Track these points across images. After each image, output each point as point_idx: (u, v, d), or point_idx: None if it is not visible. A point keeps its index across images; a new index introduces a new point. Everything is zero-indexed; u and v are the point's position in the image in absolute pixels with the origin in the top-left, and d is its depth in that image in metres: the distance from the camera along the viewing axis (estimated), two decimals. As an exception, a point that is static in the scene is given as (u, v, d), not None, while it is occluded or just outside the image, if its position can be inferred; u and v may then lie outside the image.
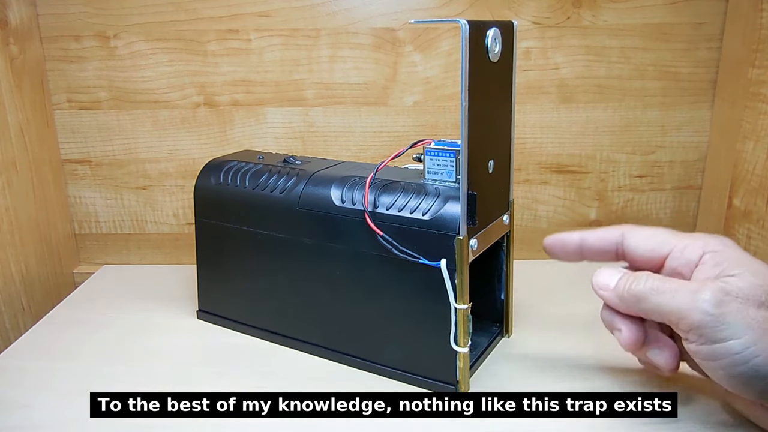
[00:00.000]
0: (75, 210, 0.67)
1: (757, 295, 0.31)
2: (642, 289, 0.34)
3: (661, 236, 0.37)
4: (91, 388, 0.42)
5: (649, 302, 0.34)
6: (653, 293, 0.34)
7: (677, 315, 0.32)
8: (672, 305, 0.33)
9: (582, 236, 0.40)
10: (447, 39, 0.61)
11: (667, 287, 0.33)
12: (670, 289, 0.33)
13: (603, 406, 0.38)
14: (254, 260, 0.47)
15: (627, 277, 0.36)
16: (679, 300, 0.32)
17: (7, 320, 0.55)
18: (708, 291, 0.32)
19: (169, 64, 0.62)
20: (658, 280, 0.34)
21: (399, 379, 0.42)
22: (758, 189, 0.56)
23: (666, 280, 0.34)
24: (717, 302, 0.31)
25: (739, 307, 0.31)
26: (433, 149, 0.41)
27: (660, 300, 0.33)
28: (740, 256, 0.34)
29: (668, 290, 0.33)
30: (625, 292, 0.35)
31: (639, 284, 0.34)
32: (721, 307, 0.31)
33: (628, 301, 0.35)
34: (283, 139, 0.64)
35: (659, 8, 0.60)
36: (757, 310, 0.31)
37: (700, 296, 0.32)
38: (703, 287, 0.32)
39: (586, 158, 0.64)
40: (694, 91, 0.62)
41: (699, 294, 0.32)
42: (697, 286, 0.32)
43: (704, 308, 0.31)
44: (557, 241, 0.41)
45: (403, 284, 0.40)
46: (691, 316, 0.32)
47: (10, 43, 0.57)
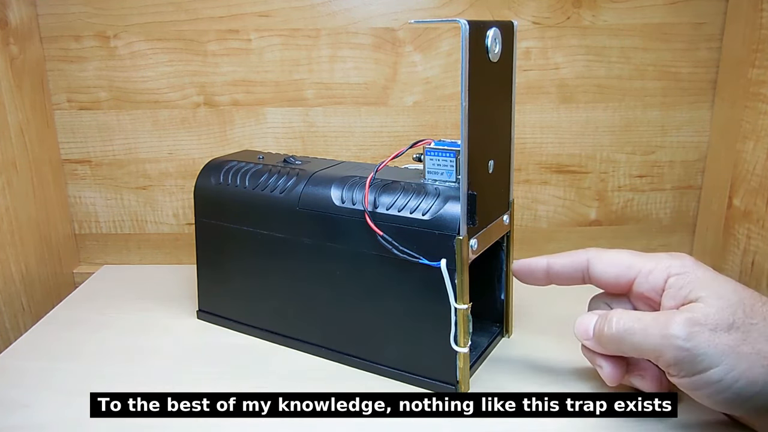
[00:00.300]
0: (75, 210, 0.67)
1: (725, 318, 0.31)
2: (614, 333, 0.35)
3: (625, 262, 0.37)
4: (91, 388, 0.42)
5: (625, 344, 0.34)
6: (627, 335, 0.34)
7: (653, 353, 0.33)
8: (646, 345, 0.33)
9: (549, 262, 0.41)
10: (447, 39, 0.61)
11: (637, 327, 0.33)
12: (641, 329, 0.33)
13: (603, 406, 0.38)
14: (254, 260, 0.47)
15: (600, 321, 0.36)
16: (651, 339, 0.33)
17: (7, 320, 0.55)
18: (677, 325, 0.32)
19: (169, 64, 0.62)
20: (629, 319, 0.34)
21: (399, 379, 0.42)
22: (758, 189, 0.56)
23: (636, 318, 0.34)
24: (688, 336, 0.31)
25: (710, 336, 0.31)
26: (433, 149, 0.41)
27: (634, 340, 0.34)
28: (704, 277, 0.34)
29: (639, 330, 0.33)
30: (601, 337, 0.36)
31: (611, 328, 0.35)
32: (692, 340, 0.31)
33: (607, 345, 0.36)
34: (283, 139, 0.64)
35: (659, 8, 0.60)
36: (728, 334, 0.31)
37: (671, 332, 0.32)
38: (671, 322, 0.32)
39: (586, 158, 0.64)
40: (694, 91, 0.62)
41: (669, 330, 0.32)
42: (666, 321, 0.32)
43: (677, 344, 0.31)
44: (524, 266, 0.42)
45: (403, 284, 0.40)
46: (666, 353, 0.32)
47: (10, 43, 0.57)
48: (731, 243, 0.60)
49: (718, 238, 0.62)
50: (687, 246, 0.67)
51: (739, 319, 0.31)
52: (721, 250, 0.61)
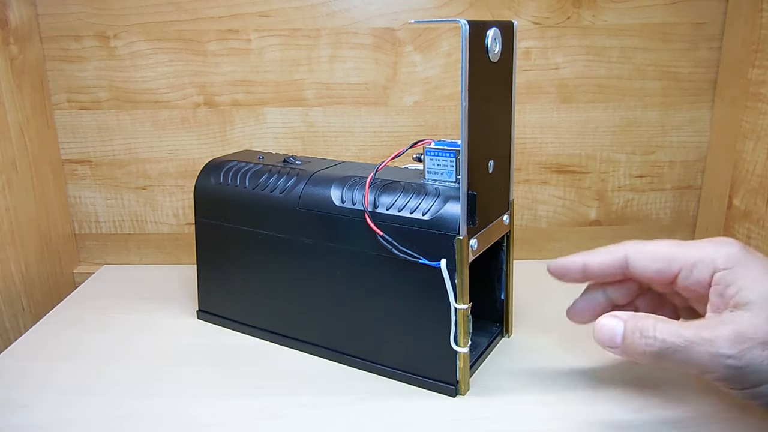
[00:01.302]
0: (75, 210, 0.67)
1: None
2: (654, 350, 0.32)
3: (667, 255, 0.35)
4: (91, 388, 0.42)
5: (665, 361, 0.32)
6: (669, 352, 0.31)
7: (700, 370, 0.31)
8: (692, 363, 0.31)
9: (585, 262, 0.38)
10: (447, 39, 0.61)
11: (680, 344, 0.31)
12: (684, 347, 0.31)
13: (602, 406, 0.38)
14: (254, 260, 0.47)
15: (632, 331, 0.33)
16: (698, 357, 0.31)
17: (7, 320, 0.55)
18: (725, 343, 0.30)
19: (169, 64, 0.62)
20: (669, 335, 0.32)
21: (399, 379, 0.42)
22: (758, 189, 0.56)
23: (677, 334, 0.31)
24: (738, 354, 0.30)
25: (761, 352, 0.30)
26: (433, 149, 0.41)
27: (677, 358, 0.31)
28: (753, 274, 0.32)
29: (683, 348, 0.31)
30: (635, 352, 0.33)
31: (652, 345, 0.32)
32: (743, 358, 0.30)
33: (641, 360, 0.33)
34: (283, 139, 0.64)
35: (659, 8, 0.60)
36: None
37: (720, 351, 0.30)
38: (718, 338, 0.30)
39: (586, 158, 0.64)
40: (694, 91, 0.62)
41: (717, 348, 0.30)
42: (712, 337, 0.30)
43: (726, 363, 0.30)
44: (560, 267, 0.40)
45: (403, 284, 0.40)
46: (715, 371, 0.30)
47: (10, 43, 0.57)
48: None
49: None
50: (687, 246, 0.67)
51: None
52: (721, 250, 0.61)
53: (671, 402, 0.39)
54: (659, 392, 0.40)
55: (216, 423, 0.38)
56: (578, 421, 0.38)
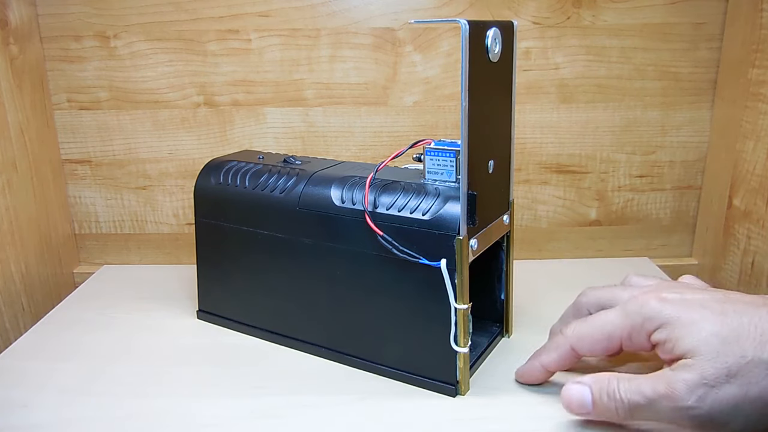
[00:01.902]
0: (75, 210, 0.67)
1: (721, 368, 0.31)
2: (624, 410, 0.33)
3: (603, 333, 0.36)
4: (91, 388, 0.42)
5: (638, 417, 0.34)
6: (636, 410, 0.33)
7: (670, 422, 0.33)
8: (660, 417, 0.33)
9: (542, 365, 0.40)
10: (447, 39, 0.61)
11: (643, 402, 0.32)
12: (648, 404, 0.32)
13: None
14: (254, 260, 0.47)
15: (600, 394, 0.34)
16: (665, 413, 0.32)
17: (7, 320, 0.55)
18: (683, 394, 0.31)
19: (169, 64, 0.62)
20: (632, 392, 0.33)
21: (399, 379, 0.42)
22: (758, 189, 0.56)
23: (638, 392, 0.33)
24: (697, 402, 0.31)
25: (716, 394, 0.31)
26: (433, 149, 0.41)
27: (646, 414, 0.33)
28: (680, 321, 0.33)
29: (647, 405, 0.32)
30: (608, 414, 0.34)
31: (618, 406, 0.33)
32: (703, 404, 0.31)
33: (616, 420, 0.35)
34: (283, 139, 0.64)
35: (659, 8, 0.60)
36: (730, 384, 0.31)
37: (680, 404, 0.31)
38: (674, 391, 0.31)
39: (586, 158, 0.64)
40: (694, 91, 0.62)
41: (677, 402, 0.31)
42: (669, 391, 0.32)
43: (692, 414, 0.31)
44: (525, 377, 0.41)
45: (403, 284, 0.40)
46: (682, 422, 0.32)
47: (10, 43, 0.57)
48: (731, 243, 0.60)
49: (718, 238, 0.62)
50: (687, 246, 0.67)
51: (733, 364, 0.31)
52: (721, 250, 0.61)
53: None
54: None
55: (216, 423, 0.38)
56: (578, 421, 0.38)
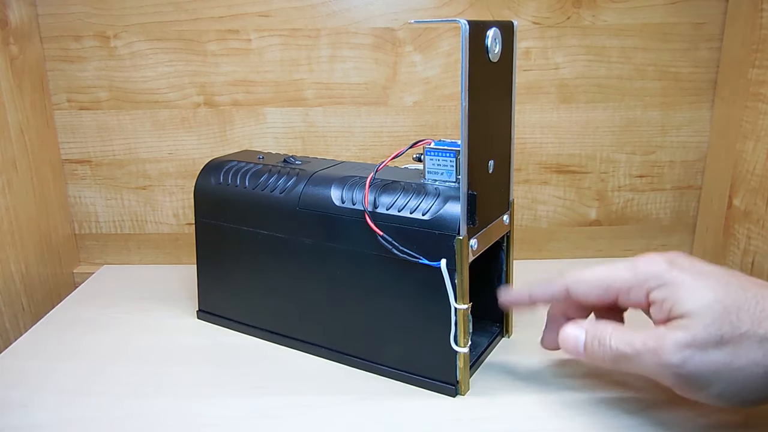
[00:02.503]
0: (75, 210, 0.67)
1: (713, 334, 0.31)
2: (612, 357, 0.34)
3: (603, 282, 0.37)
4: (91, 388, 0.42)
5: (621, 367, 0.35)
6: (623, 359, 0.34)
7: (653, 376, 0.33)
8: (644, 371, 0.33)
9: (530, 293, 0.40)
10: (447, 39, 0.61)
11: (631, 353, 0.33)
12: (635, 355, 0.33)
13: (603, 406, 0.38)
14: (254, 260, 0.47)
15: (592, 340, 0.36)
16: (648, 367, 0.33)
17: (7, 320, 0.55)
18: (669, 353, 0.32)
19: (169, 64, 0.62)
20: (622, 343, 0.34)
21: (399, 379, 0.42)
22: (758, 189, 0.56)
23: (628, 343, 0.34)
24: (681, 362, 0.31)
25: (702, 357, 0.31)
26: (433, 149, 0.41)
27: (630, 365, 0.34)
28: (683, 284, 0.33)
29: (634, 356, 0.33)
30: (596, 359, 0.35)
31: (607, 352, 0.35)
32: (686, 366, 0.31)
33: (601, 365, 0.36)
34: (283, 139, 0.64)
35: (659, 8, 0.60)
36: (719, 350, 0.31)
37: (664, 361, 0.32)
38: (662, 349, 0.32)
39: (586, 158, 0.64)
40: (694, 91, 0.62)
41: (662, 358, 0.32)
42: (656, 347, 0.32)
43: (673, 372, 0.32)
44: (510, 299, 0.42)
45: (403, 284, 0.40)
46: (665, 379, 0.33)
47: (10, 43, 0.57)
48: (731, 243, 0.60)
49: (718, 238, 0.62)
50: (687, 246, 0.67)
51: (727, 332, 0.31)
52: (721, 250, 0.61)
53: (672, 401, 0.39)
54: (660, 392, 0.40)
55: (216, 423, 0.38)
56: (578, 421, 0.38)
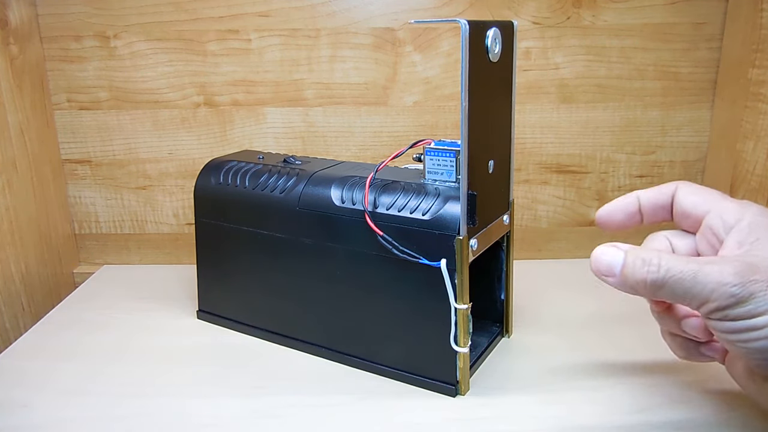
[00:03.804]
0: (75, 210, 0.67)
1: None
2: (656, 278, 0.32)
3: (708, 193, 0.36)
4: (91, 388, 0.42)
5: (665, 291, 0.32)
6: (671, 280, 0.31)
7: (700, 300, 0.31)
8: (694, 290, 0.31)
9: (637, 193, 0.38)
10: (447, 39, 0.61)
11: (688, 274, 0.31)
12: (691, 276, 0.31)
13: (603, 407, 0.38)
14: (254, 260, 0.47)
15: (634, 260, 0.33)
16: (702, 284, 0.30)
17: (7, 320, 0.55)
18: (732, 273, 0.30)
19: (169, 64, 0.62)
20: (677, 264, 0.31)
21: (399, 379, 0.42)
22: (758, 189, 0.56)
23: (685, 262, 0.31)
24: (743, 283, 0.30)
25: (766, 287, 0.30)
26: (433, 149, 0.41)
27: (679, 287, 0.31)
28: None
29: (688, 276, 0.31)
30: (634, 279, 0.33)
31: (652, 271, 0.32)
32: (746, 289, 0.30)
33: (638, 290, 0.33)
34: (283, 139, 0.64)
35: (659, 8, 0.60)
36: None
37: (725, 278, 0.30)
38: (725, 268, 0.30)
39: (586, 158, 0.64)
40: (694, 91, 0.62)
41: (724, 276, 0.30)
42: (720, 267, 0.30)
43: (731, 291, 0.30)
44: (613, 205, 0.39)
45: (403, 284, 0.40)
46: (716, 299, 0.30)
47: (10, 43, 0.57)
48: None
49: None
50: (687, 246, 0.67)
51: None
52: (721, 250, 0.61)
53: (672, 403, 0.39)
54: (660, 393, 0.40)
55: (216, 423, 0.38)
56: (578, 421, 0.38)
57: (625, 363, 0.43)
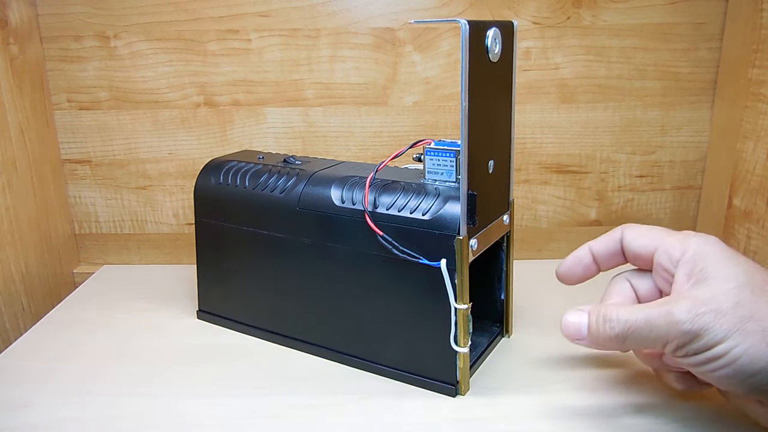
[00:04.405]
0: (75, 210, 0.67)
1: (730, 299, 0.32)
2: (617, 332, 0.34)
3: (653, 233, 0.38)
4: (91, 389, 0.42)
5: (629, 342, 0.34)
6: (630, 332, 0.33)
7: (660, 342, 0.33)
8: (652, 336, 0.33)
9: (589, 245, 0.41)
10: (447, 39, 0.61)
11: (641, 322, 0.33)
12: (644, 323, 0.33)
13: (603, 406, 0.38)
14: (254, 260, 0.47)
15: (596, 320, 0.35)
16: (657, 329, 0.33)
17: (7, 320, 0.55)
18: (683, 311, 0.32)
19: (169, 64, 0.62)
20: (630, 315, 0.34)
21: (399, 379, 0.42)
22: (758, 189, 0.56)
23: (636, 311, 0.34)
24: (692, 319, 0.31)
25: (714, 317, 0.31)
26: (433, 149, 0.41)
27: (638, 336, 0.33)
28: (719, 257, 0.34)
29: (643, 324, 0.33)
30: (600, 338, 0.35)
31: (612, 326, 0.34)
32: (697, 323, 0.31)
33: (606, 344, 0.35)
34: (283, 139, 0.64)
35: (659, 8, 0.60)
36: (733, 312, 0.31)
37: (675, 318, 0.32)
38: (676, 307, 0.32)
39: (586, 158, 0.64)
40: (694, 91, 0.62)
41: (674, 317, 0.32)
42: (669, 309, 0.32)
43: (682, 329, 0.32)
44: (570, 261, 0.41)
45: (403, 284, 0.40)
46: (673, 338, 0.32)
47: (10, 43, 0.57)
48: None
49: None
50: (687, 246, 0.67)
51: (745, 298, 0.31)
52: (721, 250, 0.61)
53: (672, 402, 0.39)
54: (660, 392, 0.40)
55: (216, 423, 0.38)
56: (578, 421, 0.38)
57: (625, 363, 0.43)
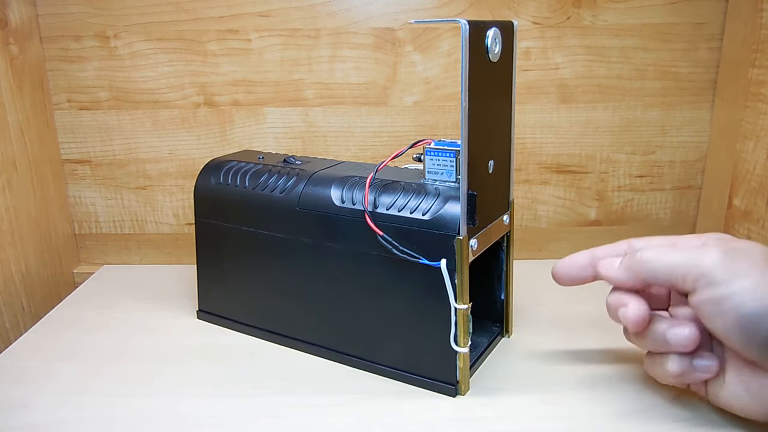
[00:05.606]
0: (75, 210, 0.67)
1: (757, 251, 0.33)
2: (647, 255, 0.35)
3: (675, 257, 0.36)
4: (91, 389, 0.42)
5: (657, 263, 0.35)
6: (660, 254, 0.35)
7: (686, 267, 0.34)
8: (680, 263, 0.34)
9: (591, 253, 0.40)
10: (447, 39, 0.61)
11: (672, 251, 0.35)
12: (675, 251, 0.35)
13: (603, 406, 0.38)
14: (254, 260, 0.47)
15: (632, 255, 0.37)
16: (686, 253, 0.34)
17: (7, 320, 0.55)
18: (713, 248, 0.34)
19: (169, 64, 0.62)
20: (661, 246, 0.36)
21: (399, 379, 0.42)
22: (758, 189, 0.56)
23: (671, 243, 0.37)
24: (722, 254, 0.33)
25: (743, 256, 0.33)
26: (433, 149, 0.41)
27: (669, 259, 0.35)
28: None
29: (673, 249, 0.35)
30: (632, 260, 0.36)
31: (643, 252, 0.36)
32: (728, 255, 0.33)
33: (637, 269, 0.36)
34: (283, 139, 0.64)
35: (659, 8, 0.60)
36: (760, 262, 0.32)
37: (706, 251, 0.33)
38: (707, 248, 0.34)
39: (586, 158, 0.64)
40: (694, 91, 0.62)
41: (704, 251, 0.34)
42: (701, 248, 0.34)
43: (713, 255, 0.33)
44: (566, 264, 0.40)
45: (403, 284, 0.40)
46: (697, 267, 0.33)
47: (10, 43, 0.57)
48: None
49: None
50: (687, 246, 0.67)
51: None
52: (721, 250, 0.61)
53: (672, 402, 0.39)
54: (660, 392, 0.40)
55: (216, 423, 0.38)
56: (578, 421, 0.38)
57: (625, 363, 0.43)
